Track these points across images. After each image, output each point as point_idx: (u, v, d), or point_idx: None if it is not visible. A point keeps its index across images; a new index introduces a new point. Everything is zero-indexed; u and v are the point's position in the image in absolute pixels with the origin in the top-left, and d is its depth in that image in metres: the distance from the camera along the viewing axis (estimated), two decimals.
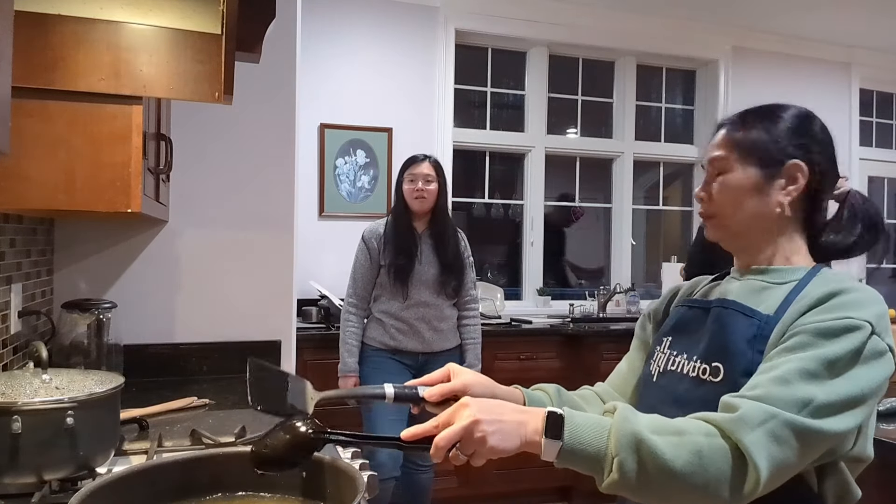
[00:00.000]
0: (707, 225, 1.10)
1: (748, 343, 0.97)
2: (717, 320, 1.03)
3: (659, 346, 1.14)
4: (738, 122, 1.07)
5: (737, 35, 4.51)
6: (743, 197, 1.04)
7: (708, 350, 1.02)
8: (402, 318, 2.68)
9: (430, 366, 2.53)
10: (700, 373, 1.01)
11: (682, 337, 1.10)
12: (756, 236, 1.06)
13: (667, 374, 1.09)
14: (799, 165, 1.02)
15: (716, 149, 1.07)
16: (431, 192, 2.68)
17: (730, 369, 0.97)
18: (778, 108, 1.07)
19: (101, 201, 1.37)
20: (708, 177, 1.08)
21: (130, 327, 2.13)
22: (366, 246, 2.73)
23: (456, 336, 2.80)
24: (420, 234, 2.72)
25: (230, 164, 2.28)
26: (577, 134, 4.49)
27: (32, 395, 1.07)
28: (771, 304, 0.99)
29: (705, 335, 1.04)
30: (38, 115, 1.32)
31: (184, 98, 1.40)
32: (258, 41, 1.64)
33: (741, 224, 1.05)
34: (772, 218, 1.04)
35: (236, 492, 0.90)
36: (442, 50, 3.93)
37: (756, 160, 1.03)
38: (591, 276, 4.66)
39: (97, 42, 1.31)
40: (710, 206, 1.08)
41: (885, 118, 5.22)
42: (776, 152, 1.03)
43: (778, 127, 1.04)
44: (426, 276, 2.68)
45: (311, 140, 3.68)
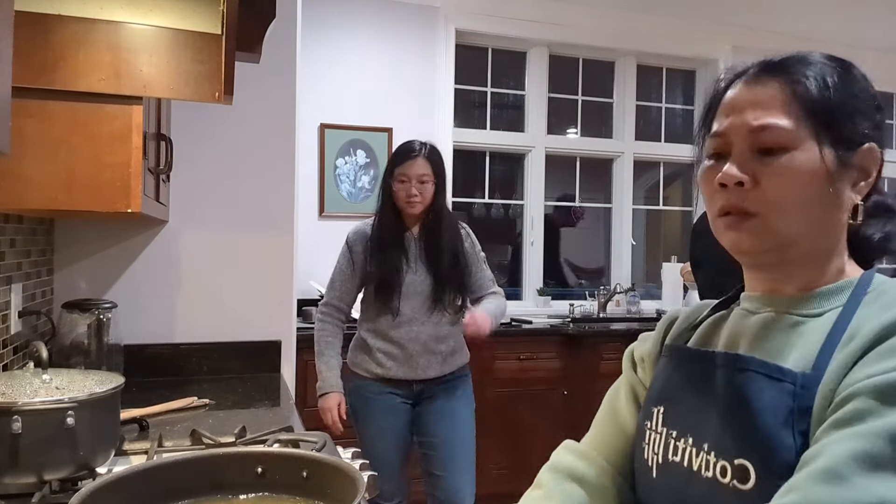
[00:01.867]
0: (739, 227, 0.72)
1: (785, 424, 0.64)
2: (734, 389, 0.70)
3: (649, 422, 0.80)
4: (801, 71, 0.72)
5: (737, 35, 4.51)
6: (811, 190, 0.69)
7: (723, 438, 0.69)
8: (390, 339, 2.21)
9: (428, 396, 2.26)
10: (718, 473, 0.68)
11: (680, 408, 0.77)
12: (810, 250, 0.73)
13: (668, 466, 0.75)
14: (875, 152, 0.72)
15: (769, 112, 0.71)
16: (426, 194, 2.21)
17: (765, 470, 0.64)
18: (846, 62, 0.75)
19: (101, 201, 1.37)
20: (743, 152, 0.72)
21: (130, 327, 2.13)
22: (349, 250, 2.27)
23: (460, 357, 2.31)
24: (414, 238, 2.25)
25: (230, 164, 2.28)
26: (577, 134, 4.49)
27: (33, 395, 1.07)
28: (806, 350, 0.67)
29: (715, 409, 0.71)
30: (39, 116, 1.32)
31: (184, 98, 1.40)
32: (258, 41, 1.65)
33: (797, 230, 0.71)
34: (840, 224, 0.72)
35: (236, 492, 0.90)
36: (442, 50, 3.92)
37: (835, 137, 0.70)
38: (591, 276, 4.66)
39: (97, 42, 1.31)
40: (753, 199, 0.70)
41: (885, 118, 5.21)
42: (855, 130, 0.71)
43: (858, 91, 0.73)
44: (420, 288, 2.21)
45: (311, 140, 3.68)
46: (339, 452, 1.33)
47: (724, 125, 0.74)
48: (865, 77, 0.76)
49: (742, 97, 0.74)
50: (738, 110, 0.74)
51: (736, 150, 0.73)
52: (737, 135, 0.73)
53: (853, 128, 0.71)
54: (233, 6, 1.32)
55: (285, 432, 1.42)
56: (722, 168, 0.72)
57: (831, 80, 0.71)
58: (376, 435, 2.24)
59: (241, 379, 2.19)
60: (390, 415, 2.23)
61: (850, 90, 0.72)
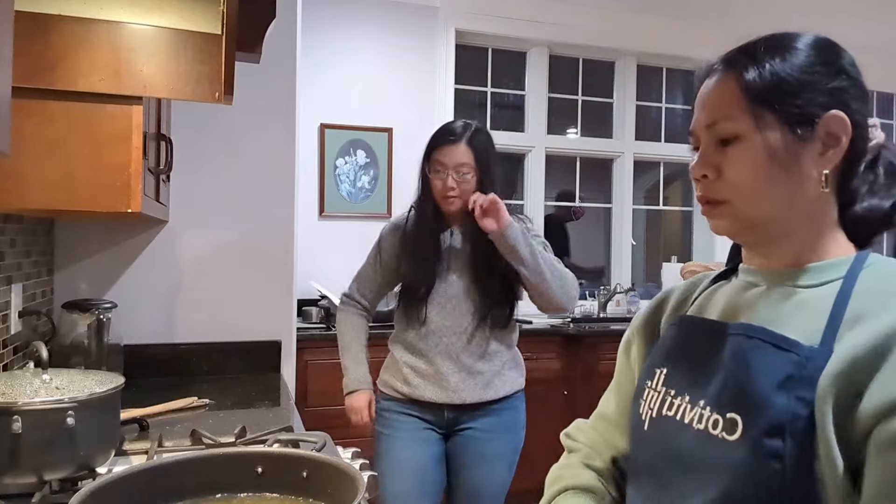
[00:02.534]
0: (712, 214, 0.80)
1: (780, 387, 0.69)
2: (737, 355, 0.75)
3: (650, 381, 0.86)
4: (740, 63, 0.77)
5: (736, 35, 4.49)
6: (768, 171, 0.75)
7: (722, 395, 0.74)
8: (417, 351, 1.87)
9: (463, 428, 1.86)
10: (709, 425, 0.74)
11: (683, 370, 0.82)
12: (785, 224, 0.77)
13: (661, 420, 0.82)
14: (841, 119, 0.74)
15: (716, 108, 0.77)
16: (467, 188, 1.82)
17: (751, 425, 0.69)
18: (788, 36, 0.78)
19: (101, 201, 1.37)
20: (707, 146, 0.79)
21: (130, 327, 2.13)
22: (378, 244, 2.00)
23: (510, 381, 1.89)
24: (454, 237, 1.89)
25: (230, 164, 2.28)
26: (577, 134, 4.48)
27: (33, 395, 1.07)
28: (812, 327, 0.71)
29: (718, 373, 0.76)
30: (39, 116, 1.32)
31: (184, 98, 1.40)
32: (258, 41, 1.65)
33: (766, 209, 0.76)
34: (807, 197, 0.76)
35: (236, 492, 0.90)
36: (442, 50, 3.92)
37: (781, 118, 0.74)
38: (591, 276, 4.66)
39: (97, 42, 1.31)
40: (717, 189, 0.78)
41: (885, 118, 5.21)
42: (807, 103, 0.74)
43: (802, 65, 0.75)
44: (455, 294, 1.84)
45: (311, 140, 3.68)
46: (339, 452, 1.33)
47: (693, 123, 0.82)
48: (832, 50, 0.78)
49: (702, 95, 0.81)
50: (699, 107, 0.81)
51: (702, 145, 0.80)
52: (700, 131, 0.80)
53: (804, 103, 0.74)
54: (233, 6, 1.32)
55: (285, 432, 1.42)
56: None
57: (777, 64, 0.75)
58: (395, 469, 1.85)
59: (241, 379, 2.19)
60: (414, 445, 1.85)
61: (800, 68, 0.75)
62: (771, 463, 0.67)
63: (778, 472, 0.66)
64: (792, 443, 0.66)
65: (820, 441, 0.66)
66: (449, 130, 1.85)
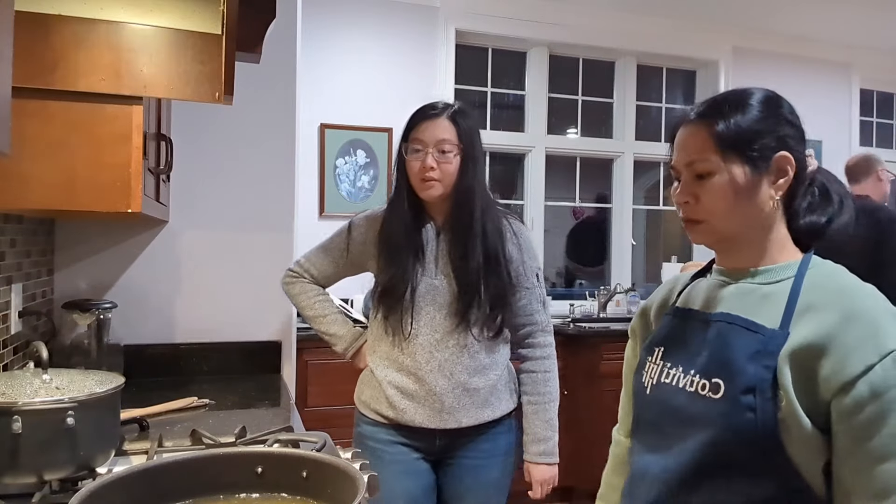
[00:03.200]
0: (693, 230, 1.04)
1: (751, 359, 0.93)
2: (720, 336, 0.99)
3: (650, 357, 1.10)
4: (710, 116, 1.00)
5: (737, 35, 4.51)
6: (734, 198, 0.98)
7: (708, 366, 0.98)
8: (405, 368, 1.62)
9: (456, 455, 1.65)
10: (699, 388, 0.98)
11: (677, 349, 1.06)
12: (749, 236, 1.02)
13: (660, 386, 1.05)
14: (787, 158, 0.99)
15: (693, 151, 1.00)
16: (448, 168, 1.60)
17: (731, 386, 0.94)
18: (744, 94, 1.02)
19: (101, 201, 1.37)
20: (687, 178, 1.02)
21: (130, 327, 2.14)
22: (347, 234, 1.75)
23: (506, 398, 1.68)
24: (435, 231, 1.66)
25: (230, 164, 2.28)
26: (577, 134, 4.49)
27: (33, 395, 1.07)
28: (773, 314, 0.95)
29: (704, 350, 1.00)
30: (39, 116, 1.32)
31: (184, 98, 1.40)
32: (258, 41, 1.65)
33: (733, 226, 1.01)
34: (765, 215, 1.00)
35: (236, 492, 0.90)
36: (442, 50, 3.92)
37: (743, 158, 0.98)
38: (591, 276, 4.66)
39: (98, 42, 1.31)
40: (696, 211, 1.01)
41: (886, 118, 5.22)
42: (762, 147, 0.98)
43: (756, 118, 0.99)
44: (441, 299, 1.62)
45: (311, 140, 3.68)
46: (339, 452, 1.33)
47: (674, 161, 1.05)
48: (777, 103, 1.02)
49: (681, 138, 1.04)
50: (679, 148, 1.04)
51: (683, 177, 1.03)
52: (680, 167, 1.03)
53: (760, 147, 0.98)
54: (233, 6, 1.32)
55: (285, 432, 1.42)
56: (678, 190, 1.04)
57: (737, 118, 0.99)
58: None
59: (241, 379, 2.19)
60: (404, 478, 1.62)
61: (755, 120, 0.99)
62: (746, 413, 0.91)
63: (751, 420, 0.91)
64: (760, 398, 0.91)
65: (782, 396, 0.90)
66: (429, 106, 1.66)
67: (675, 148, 1.05)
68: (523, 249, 1.70)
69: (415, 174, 1.61)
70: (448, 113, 1.63)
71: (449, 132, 1.60)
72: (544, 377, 1.70)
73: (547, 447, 1.68)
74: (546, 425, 1.68)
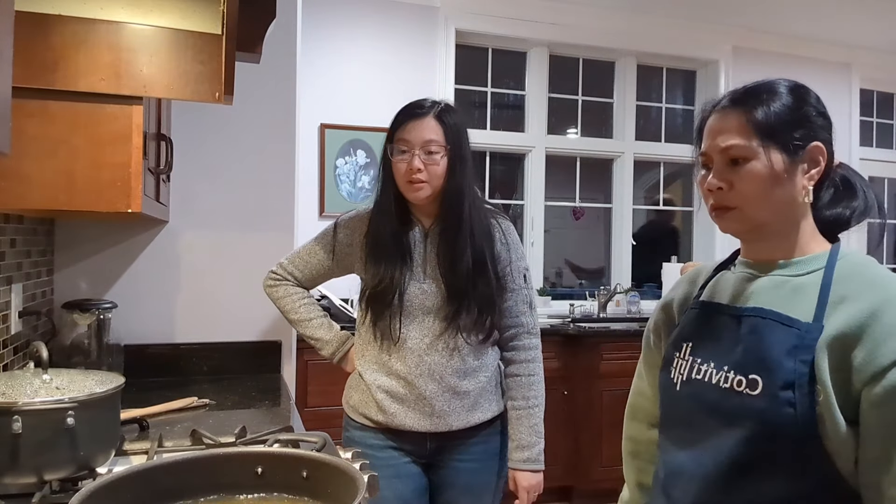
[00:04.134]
0: (724, 217, 1.01)
1: (788, 354, 0.93)
2: (754, 331, 0.98)
3: (678, 352, 1.09)
4: (747, 103, 1.00)
5: (737, 35, 4.51)
6: (770, 186, 0.97)
7: (744, 361, 0.97)
8: (394, 373, 1.61)
9: (447, 459, 1.64)
10: (734, 384, 0.97)
11: (707, 344, 1.04)
12: (780, 225, 1.01)
13: (691, 382, 1.04)
14: (820, 148, 0.99)
15: (731, 135, 0.99)
16: (436, 172, 1.56)
17: (769, 382, 0.93)
18: (776, 84, 1.02)
19: (101, 201, 1.37)
20: (720, 165, 1.00)
21: (131, 327, 2.14)
22: (333, 236, 1.74)
23: (495, 401, 1.67)
24: (423, 234, 1.64)
25: (230, 165, 2.28)
26: (577, 134, 4.49)
27: (33, 395, 1.07)
28: (806, 307, 0.95)
29: (738, 345, 0.99)
30: (39, 116, 1.32)
31: (184, 98, 1.40)
32: (258, 41, 1.65)
33: (766, 214, 0.99)
34: (797, 205, 1.00)
35: (236, 492, 0.90)
36: (442, 50, 3.92)
37: (780, 146, 0.97)
38: (591, 276, 4.66)
39: (98, 42, 1.31)
40: (731, 197, 0.99)
41: (886, 118, 5.21)
42: (800, 135, 0.98)
43: (792, 107, 0.99)
44: (429, 303, 1.60)
45: (311, 140, 3.68)
46: (339, 452, 1.33)
47: (706, 147, 1.03)
48: (806, 93, 1.03)
49: (715, 125, 1.02)
50: (713, 135, 1.02)
51: (715, 163, 1.01)
52: (714, 153, 1.01)
53: (796, 136, 0.98)
54: (233, 6, 1.32)
55: (285, 432, 1.42)
56: (709, 177, 1.01)
57: (775, 105, 0.99)
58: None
59: (241, 379, 2.19)
60: (396, 483, 1.60)
61: (791, 109, 0.99)
62: (786, 409, 0.91)
63: (790, 415, 0.90)
64: (799, 393, 0.90)
65: (820, 391, 0.90)
66: (415, 104, 1.61)
67: (706, 134, 1.03)
68: (511, 249, 1.67)
69: (401, 176, 1.57)
70: (434, 112, 1.58)
71: (436, 132, 1.56)
72: (528, 381, 1.66)
73: (531, 454, 1.63)
74: (531, 431, 1.64)
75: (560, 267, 4.68)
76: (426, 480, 1.66)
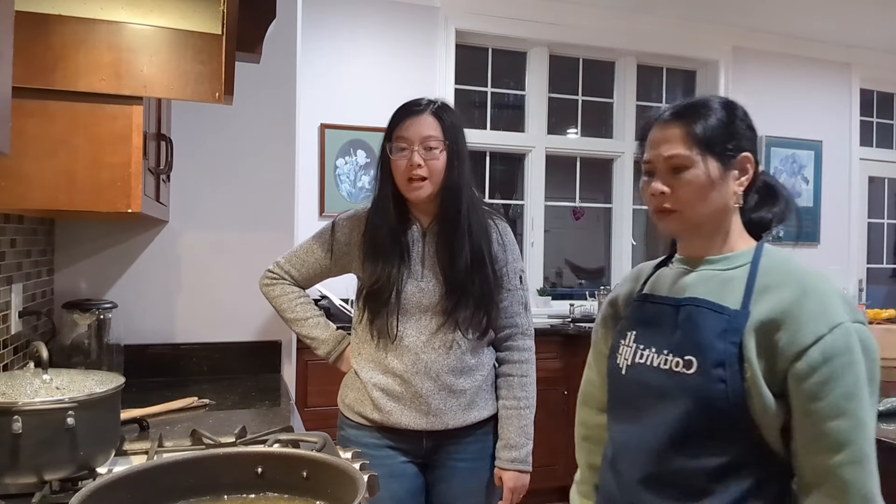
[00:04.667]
0: (666, 219, 1.13)
1: (719, 337, 1.05)
2: (689, 318, 1.10)
3: (623, 340, 1.21)
4: (688, 117, 1.11)
5: (737, 35, 4.51)
6: (707, 191, 1.09)
7: (680, 345, 1.10)
8: (390, 371, 1.60)
9: (443, 458, 1.63)
10: (672, 366, 1.09)
11: (649, 331, 1.16)
12: (713, 226, 1.13)
13: (635, 366, 1.16)
14: (749, 157, 1.12)
15: (673, 145, 1.10)
16: (436, 166, 1.57)
17: (703, 362, 1.05)
18: (711, 100, 1.13)
19: (101, 201, 1.37)
20: (663, 172, 1.12)
21: (131, 327, 2.14)
22: (331, 235, 1.72)
23: (491, 399, 1.67)
24: (421, 232, 1.64)
25: (231, 165, 2.28)
26: (577, 134, 4.49)
27: (33, 395, 1.07)
28: (735, 297, 1.08)
29: (675, 331, 1.12)
30: (39, 116, 1.32)
31: (184, 98, 1.40)
32: (259, 41, 1.65)
33: (703, 217, 1.11)
34: (728, 208, 1.12)
35: (236, 492, 0.90)
36: (442, 50, 3.92)
37: (715, 155, 1.09)
38: (591, 276, 4.66)
39: (98, 42, 1.31)
40: (672, 201, 1.11)
41: (886, 118, 5.21)
42: (732, 146, 1.10)
43: (725, 121, 1.11)
44: (427, 301, 1.60)
45: (312, 140, 3.68)
46: (339, 452, 1.33)
47: (650, 156, 1.14)
48: (736, 108, 1.14)
49: (658, 136, 1.13)
50: (656, 145, 1.13)
51: (658, 171, 1.13)
52: (658, 161, 1.12)
53: (729, 147, 1.10)
54: (233, 6, 1.32)
55: (285, 432, 1.42)
56: (652, 182, 1.13)
57: (711, 120, 1.10)
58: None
59: (241, 379, 2.19)
60: (392, 482, 1.57)
61: (725, 124, 1.11)
62: (718, 385, 1.03)
63: (722, 390, 1.03)
64: (729, 371, 1.03)
65: (747, 368, 1.03)
66: (412, 102, 1.62)
67: (650, 144, 1.14)
68: (508, 250, 1.67)
69: (401, 173, 1.57)
70: (431, 109, 1.59)
71: (434, 128, 1.57)
72: (521, 381, 1.66)
73: (519, 455, 1.63)
74: (520, 432, 1.64)
75: (560, 267, 4.68)
76: (422, 481, 1.65)
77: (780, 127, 4.65)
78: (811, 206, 4.76)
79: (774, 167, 4.65)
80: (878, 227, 5.23)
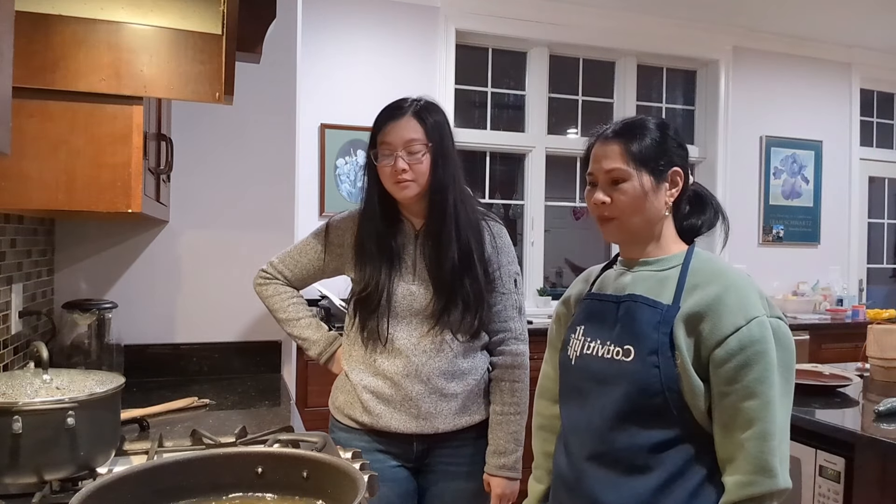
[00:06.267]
0: (606, 226, 1.27)
1: (653, 328, 1.19)
2: (628, 312, 1.24)
3: (574, 334, 1.34)
4: (626, 136, 1.24)
5: (737, 35, 4.51)
6: (641, 201, 1.23)
7: (620, 336, 1.23)
8: (380, 373, 1.59)
9: (435, 463, 1.62)
10: (614, 354, 1.23)
11: (595, 326, 1.30)
12: (648, 232, 1.27)
13: (583, 357, 1.29)
14: (679, 172, 1.26)
15: (613, 160, 1.24)
16: (420, 168, 1.56)
17: (639, 350, 1.19)
18: (647, 121, 1.27)
19: (101, 201, 1.37)
20: (604, 184, 1.25)
21: (131, 327, 2.14)
22: (326, 237, 1.73)
23: (484, 404, 1.65)
24: (412, 234, 1.64)
25: (231, 165, 2.28)
26: (577, 134, 4.49)
27: (33, 395, 1.07)
28: (668, 293, 1.22)
29: (616, 324, 1.25)
30: (39, 116, 1.32)
31: (184, 98, 1.40)
32: (259, 41, 1.65)
33: (639, 224, 1.25)
34: (660, 216, 1.26)
35: (236, 492, 0.90)
36: (442, 50, 3.92)
37: (649, 170, 1.23)
38: None
39: (98, 42, 1.31)
40: (612, 210, 1.24)
41: (886, 118, 5.21)
42: (664, 162, 1.24)
43: (659, 140, 1.25)
44: (417, 303, 1.58)
45: (312, 140, 3.68)
46: (339, 452, 1.33)
47: (593, 168, 1.28)
48: (668, 128, 1.28)
49: (600, 151, 1.27)
50: (598, 160, 1.27)
51: (600, 182, 1.26)
52: (599, 174, 1.26)
53: (661, 163, 1.24)
54: (233, 6, 1.32)
55: (285, 432, 1.42)
56: (594, 193, 1.26)
57: (646, 140, 1.24)
58: None
59: (241, 379, 2.19)
60: (383, 486, 1.48)
61: (657, 143, 1.24)
62: (652, 370, 1.17)
63: (656, 375, 1.17)
64: (662, 358, 1.17)
65: (678, 355, 1.17)
66: (393, 105, 1.60)
67: (593, 158, 1.27)
68: (501, 253, 1.65)
69: (387, 178, 1.58)
70: (413, 110, 1.57)
71: (416, 131, 1.55)
72: (511, 387, 1.64)
73: (508, 461, 1.61)
74: (509, 438, 1.61)
75: (560, 267, 4.68)
76: (414, 485, 1.64)
77: (781, 127, 4.65)
78: (811, 206, 4.76)
79: (774, 167, 4.65)
80: (878, 227, 5.23)
